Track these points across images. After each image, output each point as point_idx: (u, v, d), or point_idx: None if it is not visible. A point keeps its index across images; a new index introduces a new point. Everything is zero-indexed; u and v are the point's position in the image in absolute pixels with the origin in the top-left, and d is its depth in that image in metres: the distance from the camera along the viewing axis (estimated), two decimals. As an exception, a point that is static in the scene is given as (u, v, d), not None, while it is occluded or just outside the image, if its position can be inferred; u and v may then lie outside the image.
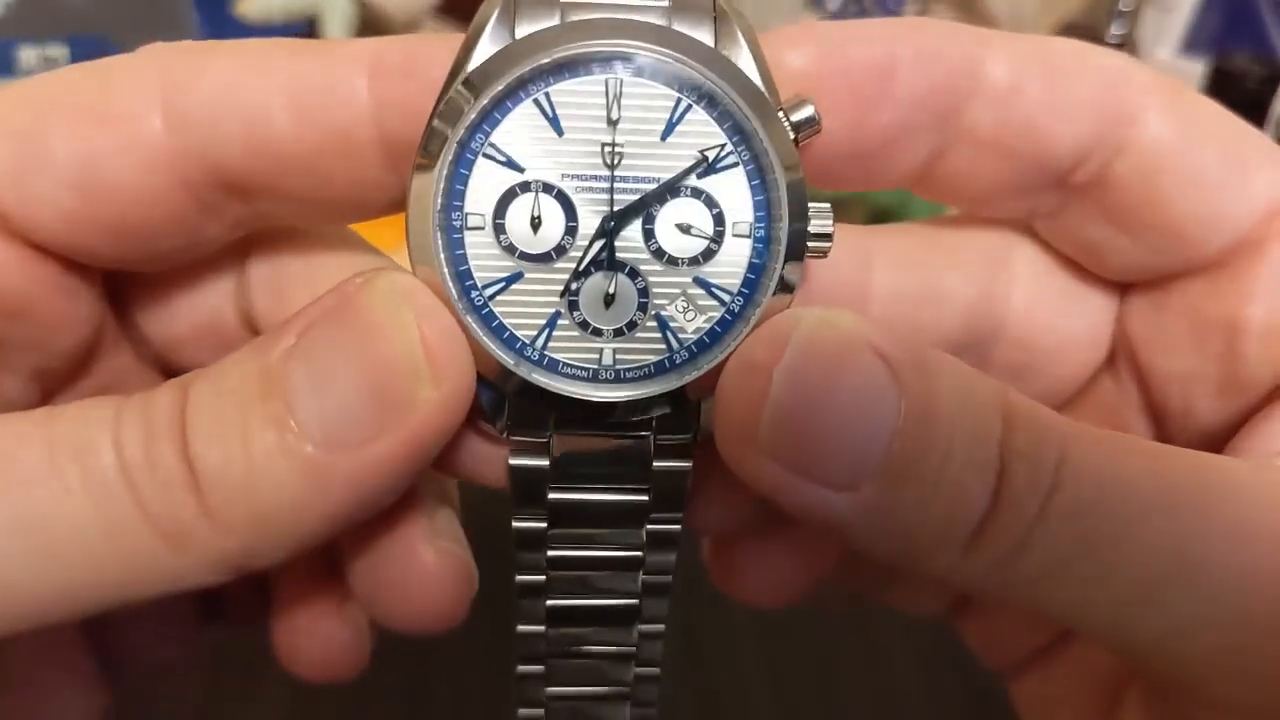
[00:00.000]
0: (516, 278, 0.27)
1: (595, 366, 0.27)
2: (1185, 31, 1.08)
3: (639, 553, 0.31)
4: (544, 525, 0.30)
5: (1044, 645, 0.36)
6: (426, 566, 0.31)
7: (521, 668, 0.33)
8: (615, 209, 0.27)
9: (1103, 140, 0.28)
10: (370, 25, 1.10)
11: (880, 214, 0.87)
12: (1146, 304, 0.32)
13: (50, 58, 0.91)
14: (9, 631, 0.25)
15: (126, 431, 0.25)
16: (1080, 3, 1.09)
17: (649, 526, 0.30)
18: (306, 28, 1.09)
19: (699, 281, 0.27)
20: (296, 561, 0.35)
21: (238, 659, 0.63)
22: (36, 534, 0.24)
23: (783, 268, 0.27)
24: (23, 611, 0.25)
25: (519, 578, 0.31)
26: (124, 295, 0.32)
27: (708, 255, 0.27)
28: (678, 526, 0.30)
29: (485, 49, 0.26)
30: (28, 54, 0.91)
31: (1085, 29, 1.08)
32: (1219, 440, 0.30)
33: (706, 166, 0.27)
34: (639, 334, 0.27)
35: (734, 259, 0.27)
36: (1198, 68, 1.05)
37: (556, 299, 0.27)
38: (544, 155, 0.26)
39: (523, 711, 0.34)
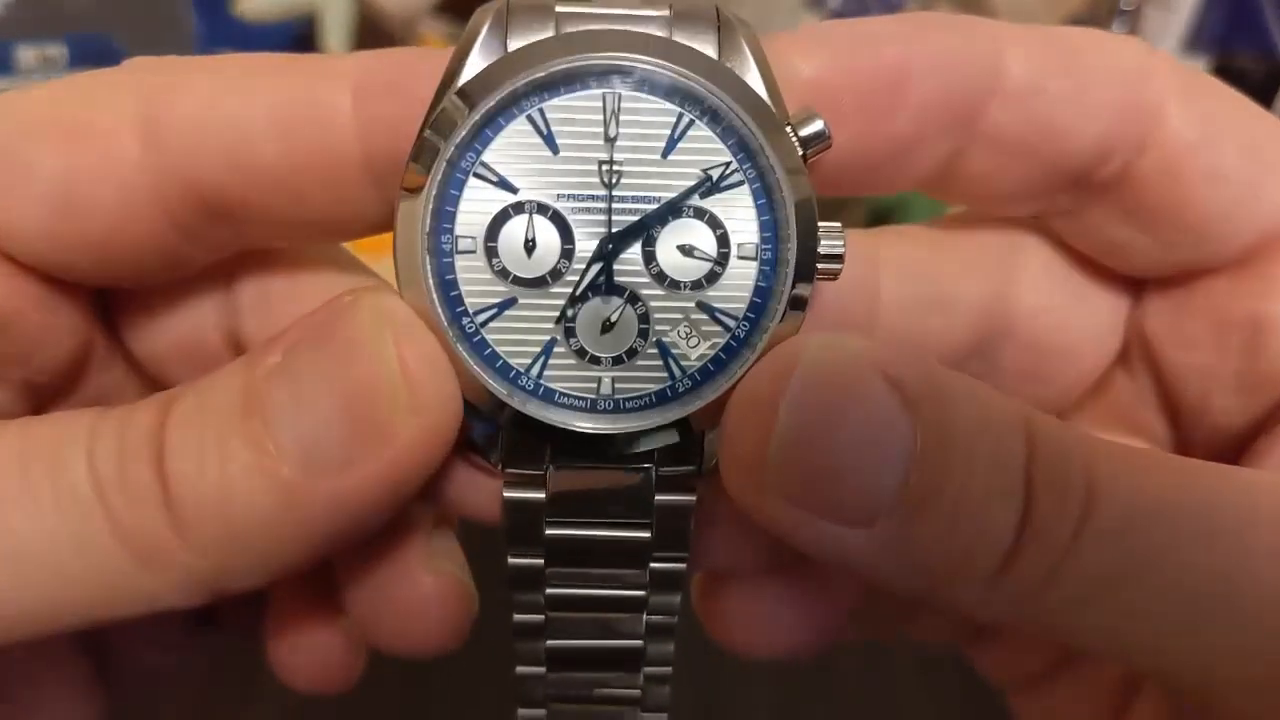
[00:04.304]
0: (510, 303, 0.26)
1: (593, 396, 0.26)
2: (1187, 30, 1.08)
3: (642, 592, 0.29)
4: (540, 562, 0.29)
5: (1053, 663, 0.35)
6: (424, 590, 0.30)
7: (522, 711, 0.32)
8: (614, 230, 0.25)
9: (1125, 139, 0.28)
10: (369, 24, 1.09)
11: (880, 214, 0.86)
12: (1166, 300, 0.31)
13: (50, 58, 0.91)
14: None
15: (101, 445, 0.25)
16: (1082, 0, 1.09)
17: (652, 565, 0.29)
18: (305, 27, 1.09)
19: (702, 306, 0.26)
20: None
21: (236, 662, 0.63)
22: (6, 549, 0.24)
23: (791, 291, 0.26)
24: None
25: (516, 617, 0.30)
26: (112, 309, 0.32)
27: (711, 278, 0.26)
28: (682, 566, 0.29)
29: (476, 62, 0.25)
30: (27, 54, 0.91)
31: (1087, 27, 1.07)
32: (1236, 439, 0.30)
33: (710, 185, 0.26)
34: (639, 362, 0.26)
35: (739, 282, 0.26)
36: (1199, 67, 1.05)
37: (552, 325, 0.26)
38: (538, 174, 0.25)
39: None
